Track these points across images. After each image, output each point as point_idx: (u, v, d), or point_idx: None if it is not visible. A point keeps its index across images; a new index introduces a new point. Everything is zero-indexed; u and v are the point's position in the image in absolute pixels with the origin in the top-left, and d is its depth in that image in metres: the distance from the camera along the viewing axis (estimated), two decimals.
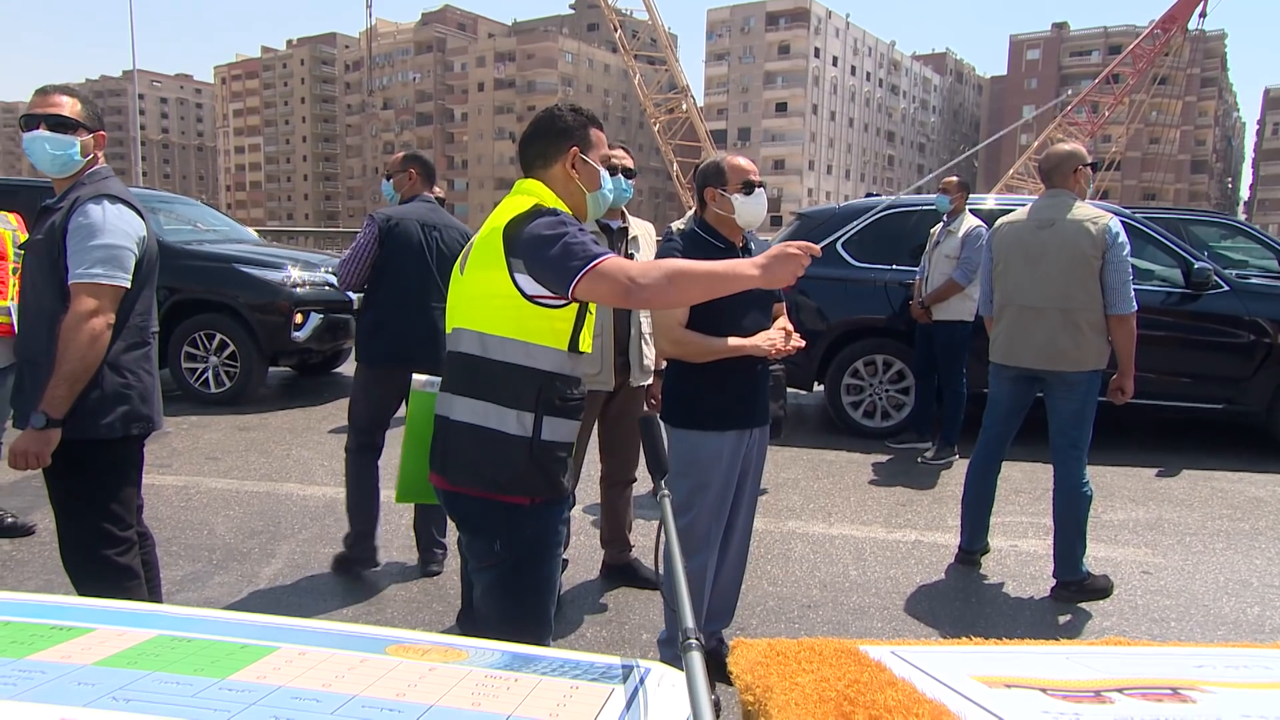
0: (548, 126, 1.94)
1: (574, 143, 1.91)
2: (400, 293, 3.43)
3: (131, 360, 2.35)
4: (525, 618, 1.87)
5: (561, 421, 1.83)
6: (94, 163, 2.40)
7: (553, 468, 1.83)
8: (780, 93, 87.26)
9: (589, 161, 1.93)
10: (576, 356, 1.85)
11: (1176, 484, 5.15)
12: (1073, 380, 3.40)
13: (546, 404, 1.79)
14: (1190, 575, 3.73)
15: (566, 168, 1.91)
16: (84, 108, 2.37)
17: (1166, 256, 5.93)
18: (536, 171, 1.94)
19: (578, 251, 1.68)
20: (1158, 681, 0.92)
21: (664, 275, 1.67)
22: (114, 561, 2.38)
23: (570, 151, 1.91)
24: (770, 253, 1.73)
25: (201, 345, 6.83)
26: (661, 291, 1.68)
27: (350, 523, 3.55)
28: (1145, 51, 48.47)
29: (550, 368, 1.79)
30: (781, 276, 1.74)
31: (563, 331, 1.80)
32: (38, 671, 0.98)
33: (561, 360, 1.81)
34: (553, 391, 1.80)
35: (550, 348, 1.79)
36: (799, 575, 3.68)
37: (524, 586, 1.87)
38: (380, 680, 1.02)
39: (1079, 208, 3.42)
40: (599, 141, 1.96)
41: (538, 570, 1.88)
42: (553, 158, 1.92)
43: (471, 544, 1.90)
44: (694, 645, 0.88)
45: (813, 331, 6.22)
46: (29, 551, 3.80)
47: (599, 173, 1.95)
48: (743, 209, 2.56)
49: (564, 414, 1.83)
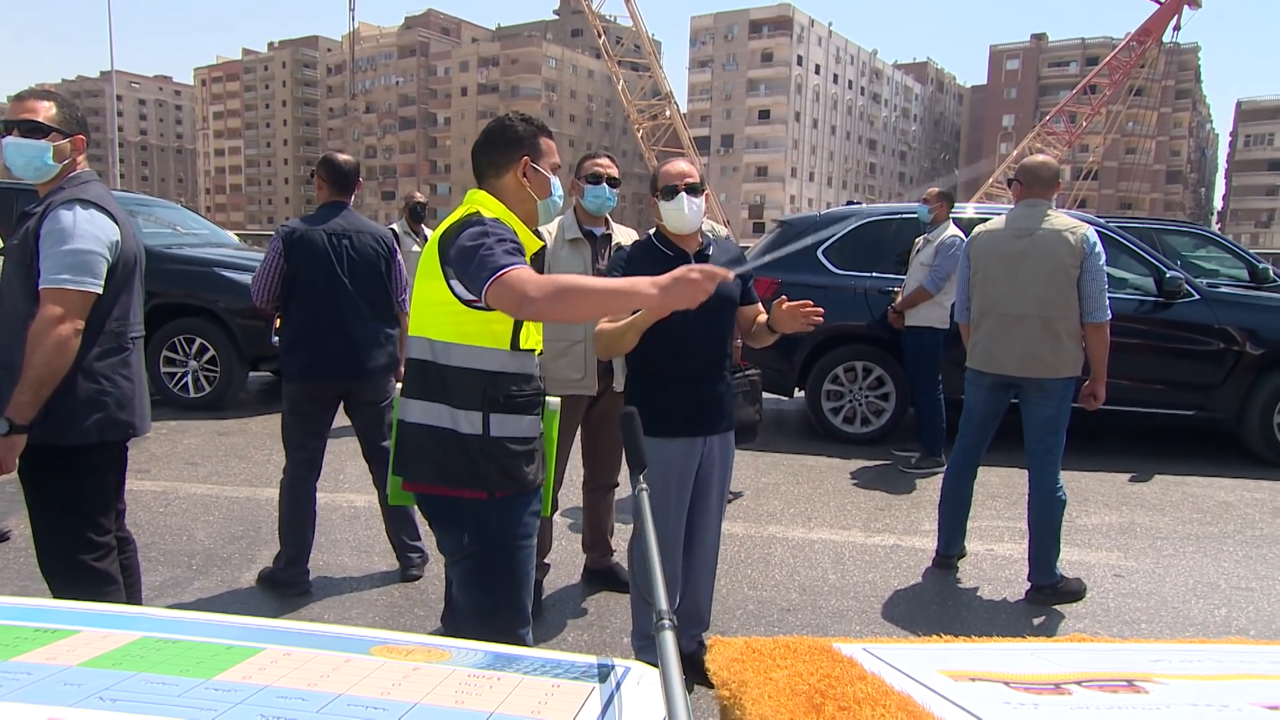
0: (499, 136, 2.01)
1: (525, 152, 1.99)
2: (311, 306, 3.32)
3: (107, 366, 2.33)
4: (499, 608, 1.94)
5: (512, 418, 1.90)
6: (73, 167, 2.37)
7: (509, 462, 1.89)
8: (763, 100, 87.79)
9: (540, 170, 2.01)
10: (523, 355, 1.92)
11: (1148, 489, 5.24)
12: (1049, 387, 3.47)
13: (492, 402, 1.87)
14: (1160, 578, 3.81)
15: (518, 176, 1.99)
16: (60, 111, 2.35)
17: (1139, 265, 6.04)
18: (488, 180, 2.01)
19: (488, 262, 1.75)
20: (1114, 675, 0.96)
21: (556, 290, 1.72)
22: (91, 567, 2.37)
23: (522, 160, 1.98)
24: (674, 274, 1.74)
25: (181, 350, 6.79)
26: (552, 305, 1.71)
27: (282, 544, 3.42)
28: (1122, 63, 49.25)
29: (494, 368, 1.88)
30: (681, 299, 1.74)
31: (502, 333, 1.88)
32: (23, 673, 0.99)
33: (505, 360, 1.89)
34: (498, 390, 1.88)
35: (492, 349, 1.88)
36: (779, 579, 3.71)
37: (495, 578, 1.93)
38: (365, 680, 1.04)
39: (1056, 217, 3.49)
40: (549, 150, 2.04)
41: (508, 561, 1.94)
42: (504, 167, 1.99)
43: (442, 540, 1.98)
44: (667, 626, 0.91)
45: (793, 338, 6.27)
46: (3, 558, 3.76)
47: (549, 180, 2.03)
48: (666, 213, 2.58)
49: (514, 410, 1.91)
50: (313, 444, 3.44)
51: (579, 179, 3.21)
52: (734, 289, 2.67)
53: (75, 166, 2.39)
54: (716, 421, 2.66)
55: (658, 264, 2.56)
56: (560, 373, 3.17)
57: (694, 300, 1.75)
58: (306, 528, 3.44)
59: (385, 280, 3.48)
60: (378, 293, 3.44)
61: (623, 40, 52.87)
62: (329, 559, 3.79)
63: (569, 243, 3.21)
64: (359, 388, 3.40)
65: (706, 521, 2.72)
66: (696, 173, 2.63)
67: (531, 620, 2.04)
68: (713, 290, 1.75)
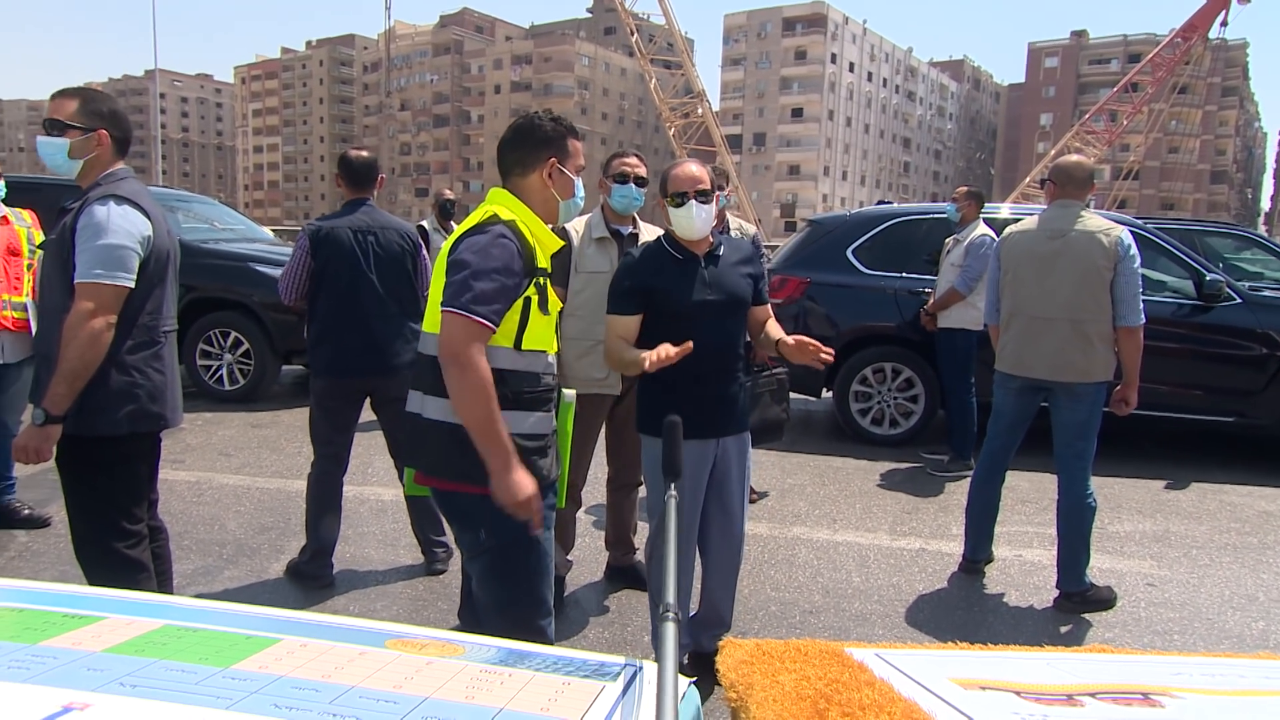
0: (528, 135, 2.02)
1: (552, 153, 2.01)
2: (336, 302, 3.35)
3: (139, 359, 2.38)
4: (519, 601, 1.96)
5: (521, 414, 1.92)
6: (99, 162, 2.40)
7: (524, 459, 1.90)
8: (796, 98, 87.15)
9: (565, 171, 2.03)
10: (529, 355, 1.94)
11: (1185, 496, 5.13)
12: (1080, 391, 3.41)
13: (502, 399, 1.88)
14: (1195, 588, 3.72)
15: (543, 176, 2.01)
16: (81, 107, 2.38)
17: (1178, 268, 5.91)
18: (513, 178, 2.03)
19: (462, 290, 1.81)
20: (1130, 687, 0.94)
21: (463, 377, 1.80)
22: (124, 554, 2.43)
23: (549, 162, 2.01)
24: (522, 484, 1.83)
25: (216, 343, 6.92)
26: (451, 376, 1.82)
27: (307, 537, 3.48)
28: (1165, 60, 48.15)
29: (501, 365, 1.90)
30: (506, 497, 1.83)
31: (508, 332, 1.91)
32: (50, 657, 1.02)
33: (512, 358, 1.92)
34: (505, 387, 1.89)
35: (498, 347, 1.90)
36: (802, 581, 3.69)
37: (514, 572, 1.96)
38: (378, 672, 1.05)
39: (1090, 218, 3.43)
40: (575, 152, 2.06)
41: (526, 554, 1.96)
42: (530, 166, 2.01)
43: (460, 535, 2.01)
44: (669, 618, 0.93)
45: (822, 338, 6.18)
46: (44, 543, 3.87)
47: (573, 182, 2.05)
48: (674, 220, 2.56)
49: (523, 407, 1.93)
50: (338, 439, 3.49)
51: (606, 177, 3.21)
52: (745, 289, 2.64)
53: (103, 161, 2.41)
54: (729, 423, 2.64)
55: (667, 267, 2.55)
56: (584, 372, 3.18)
57: (518, 511, 1.84)
58: (332, 521, 3.48)
59: (411, 276, 3.51)
60: (403, 289, 3.47)
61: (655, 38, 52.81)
62: (355, 551, 3.84)
63: (596, 241, 3.22)
64: (383, 384, 3.43)
65: (728, 523, 2.70)
66: (707, 177, 2.59)
67: (553, 612, 2.06)
68: (537, 524, 1.88)
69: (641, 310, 2.53)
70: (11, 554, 3.76)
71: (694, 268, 2.55)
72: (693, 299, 2.51)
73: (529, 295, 1.92)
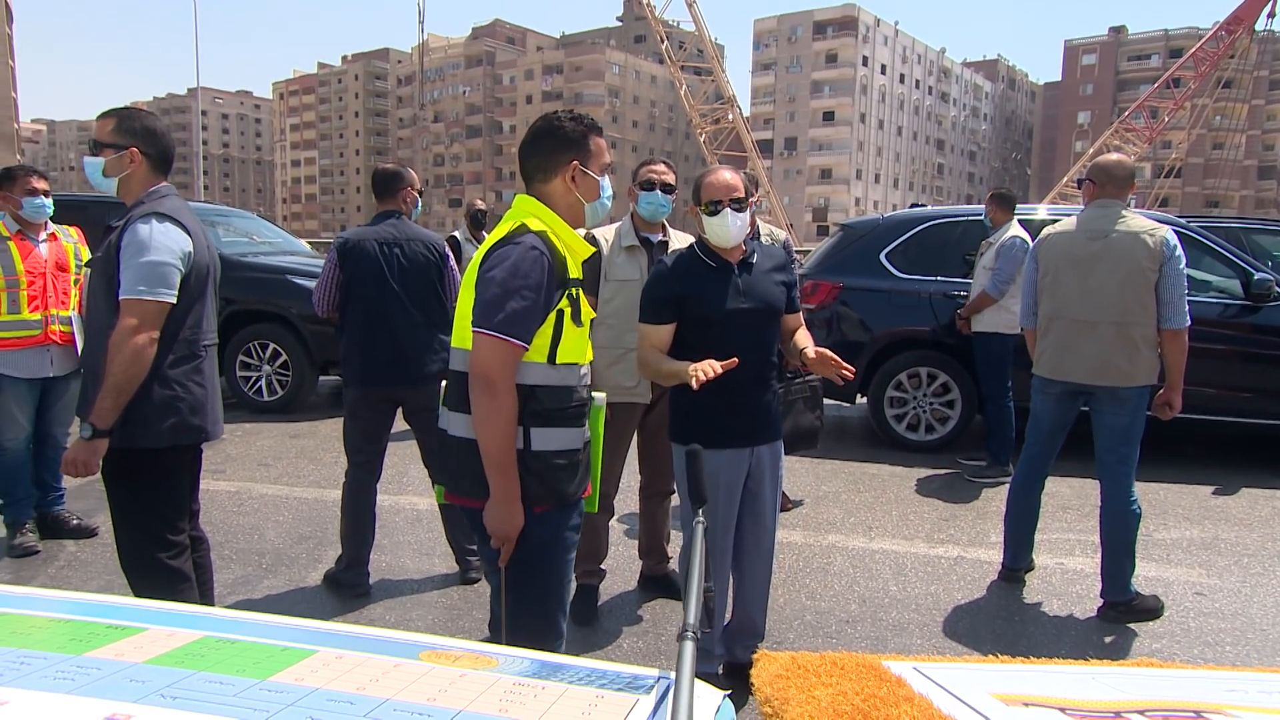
0: (547, 137, 1.96)
1: (574, 155, 1.94)
2: (365, 313, 3.40)
3: (181, 373, 2.42)
4: (532, 621, 1.95)
5: (554, 431, 1.88)
6: (134, 179, 2.44)
7: (550, 476, 1.88)
8: (828, 102, 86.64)
9: (589, 173, 1.96)
10: (564, 368, 1.89)
11: (1234, 502, 4.98)
12: (1123, 396, 3.33)
13: (533, 416, 1.86)
14: (1247, 598, 3.61)
15: (566, 180, 1.95)
16: (115, 126, 2.43)
17: (1224, 267, 5.75)
18: (536, 184, 1.97)
19: (494, 310, 1.79)
20: (1181, 704, 0.91)
21: (491, 395, 1.79)
22: (166, 565, 2.48)
23: (571, 165, 1.94)
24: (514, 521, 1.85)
25: (255, 354, 7.05)
26: (477, 397, 1.81)
27: (343, 547, 3.52)
28: (1209, 54, 46.98)
29: (533, 381, 1.86)
30: (494, 525, 1.85)
31: (541, 346, 1.86)
32: (93, 668, 1.04)
33: (545, 373, 1.87)
34: (538, 404, 1.86)
35: (531, 363, 1.86)
36: (838, 590, 3.65)
37: (529, 591, 1.94)
38: (412, 685, 1.06)
39: (1132, 218, 3.35)
40: (599, 150, 1.99)
41: (544, 576, 1.95)
42: (552, 171, 1.95)
43: (483, 548, 1.98)
44: (689, 638, 0.94)
45: (856, 343, 6.17)
46: (92, 553, 3.96)
47: (598, 183, 1.98)
48: (709, 228, 2.53)
49: (556, 423, 1.89)
50: (370, 449, 3.53)
51: (634, 185, 3.21)
52: (779, 297, 2.62)
53: (140, 178, 2.44)
54: (764, 431, 2.62)
55: (700, 275, 2.53)
56: (614, 380, 3.18)
57: (498, 537, 1.87)
58: (367, 531, 3.52)
59: (438, 287, 3.54)
60: (430, 300, 3.50)
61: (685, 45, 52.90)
62: (391, 560, 3.87)
63: (625, 249, 3.22)
64: (412, 394, 3.46)
65: (760, 532, 2.68)
66: (741, 185, 2.57)
67: (565, 634, 2.03)
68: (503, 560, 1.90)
69: (675, 319, 2.52)
70: (61, 563, 3.85)
71: (727, 275, 2.54)
72: (726, 307, 2.50)
73: (562, 308, 1.87)
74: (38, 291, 3.90)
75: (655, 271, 2.64)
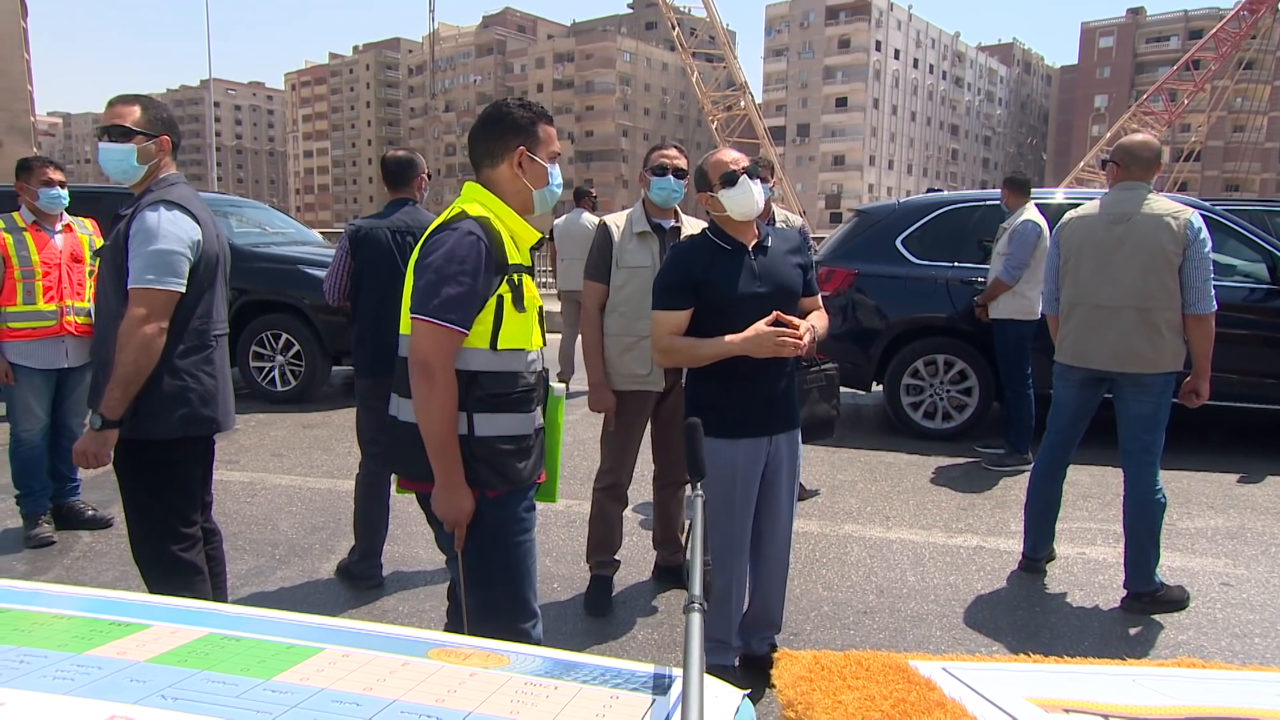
0: (495, 124, 1.96)
1: (521, 141, 1.94)
2: (377, 302, 3.34)
3: (191, 363, 2.40)
4: (497, 604, 1.94)
5: (499, 417, 1.88)
6: (159, 168, 2.44)
7: (498, 461, 1.88)
8: (840, 88, 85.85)
9: (536, 160, 1.95)
10: (506, 354, 1.89)
11: (1261, 491, 4.89)
12: (1147, 382, 3.25)
13: (477, 402, 1.86)
14: (1276, 588, 3.53)
15: (513, 167, 1.94)
16: (145, 114, 2.41)
17: (1250, 251, 5.63)
18: (484, 170, 1.97)
19: (430, 295, 1.79)
20: (1233, 711, 0.86)
21: (429, 387, 1.79)
22: (179, 557, 2.46)
23: (517, 151, 1.93)
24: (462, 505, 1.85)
25: (268, 345, 7.05)
26: (415, 381, 1.81)
27: (356, 538, 3.51)
28: (1230, 35, 46.21)
29: (475, 367, 1.86)
30: (443, 511, 1.85)
31: (481, 333, 1.86)
32: (95, 667, 1.01)
33: (487, 359, 1.87)
34: (480, 390, 1.86)
35: (473, 349, 1.86)
36: (855, 580, 3.60)
37: (492, 575, 1.93)
38: (420, 685, 1.02)
39: (1156, 201, 3.27)
40: (548, 138, 1.98)
41: (506, 558, 1.94)
42: (500, 157, 1.94)
43: (439, 536, 1.98)
44: (696, 609, 0.96)
45: (872, 330, 6.09)
46: (107, 544, 3.97)
47: (546, 170, 1.97)
48: (731, 202, 2.47)
49: (500, 409, 1.88)
50: (383, 438, 3.49)
51: (646, 171, 3.16)
52: (795, 280, 2.57)
53: (163, 167, 2.45)
54: (782, 420, 2.58)
55: (717, 258, 2.48)
56: (627, 368, 3.14)
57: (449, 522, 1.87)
58: (380, 521, 3.50)
59: None
60: None
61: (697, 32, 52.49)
62: (404, 551, 3.86)
63: (637, 236, 3.17)
64: None
65: (776, 522, 2.63)
66: (744, 159, 2.54)
67: (539, 614, 2.02)
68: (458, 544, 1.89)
69: (691, 304, 2.47)
70: (76, 554, 3.86)
71: (742, 258, 2.49)
72: (742, 291, 2.44)
73: (501, 293, 1.86)
74: (53, 282, 3.90)
75: (669, 257, 2.59)
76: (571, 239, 7.42)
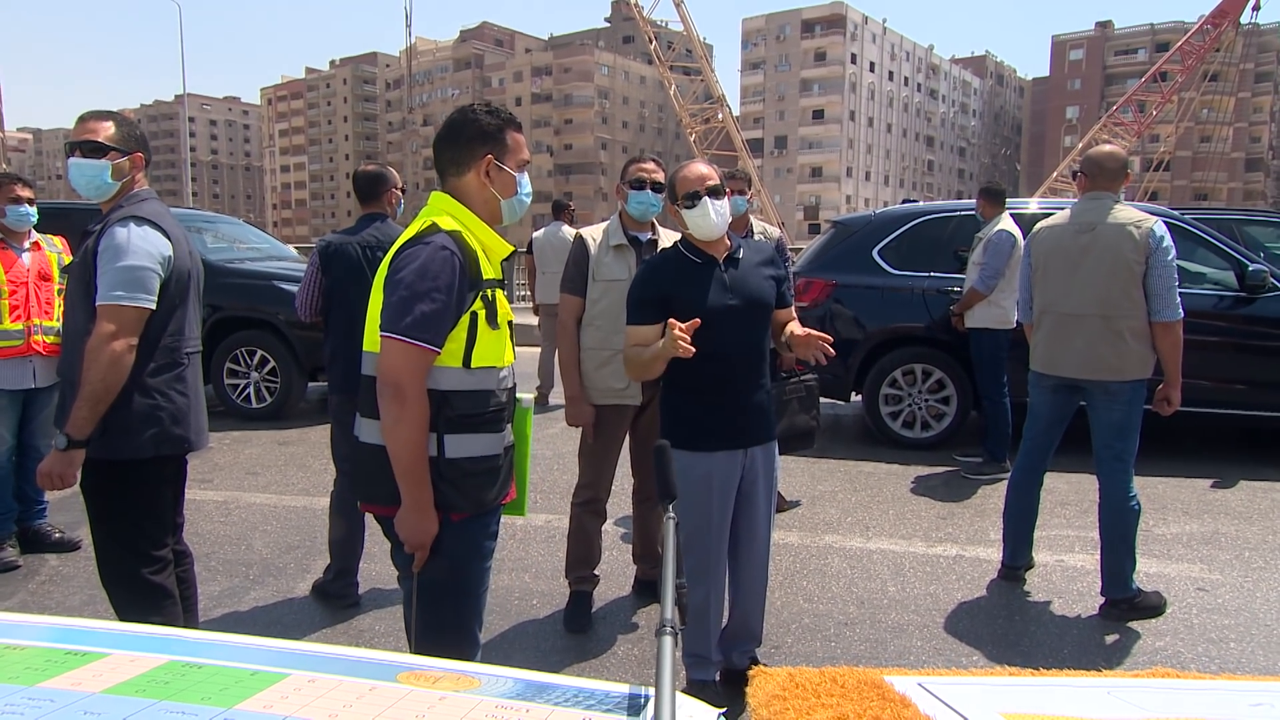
0: (461, 130, 1.88)
1: (489, 149, 1.87)
2: (349, 318, 3.29)
3: (162, 381, 2.35)
4: (444, 627, 1.88)
5: (470, 438, 1.81)
6: (132, 184, 2.41)
7: (466, 484, 1.82)
8: (817, 100, 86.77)
9: (505, 169, 1.88)
10: (480, 373, 1.82)
11: (1233, 495, 4.95)
12: (1115, 390, 3.29)
13: (448, 423, 1.79)
14: (1250, 593, 3.57)
15: (480, 175, 1.87)
16: (119, 130, 2.38)
17: (1218, 259, 5.72)
18: (450, 179, 1.90)
19: (402, 313, 1.72)
20: None
21: (400, 409, 1.71)
22: (148, 580, 2.40)
23: (485, 159, 1.87)
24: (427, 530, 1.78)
25: (243, 361, 6.96)
26: (384, 403, 1.73)
27: (331, 557, 3.46)
28: (1195, 48, 47.24)
29: (447, 386, 1.79)
30: (407, 534, 1.79)
31: (455, 351, 1.79)
32: (47, 700, 0.98)
33: (460, 378, 1.80)
34: (452, 410, 1.79)
35: (445, 367, 1.78)
36: (835, 591, 3.59)
37: (443, 599, 1.87)
38: (388, 710, 1.00)
39: (1121, 210, 3.31)
40: (517, 146, 1.91)
41: (460, 583, 1.88)
42: (466, 165, 1.87)
43: (395, 552, 1.91)
44: (668, 633, 0.94)
45: (850, 340, 6.12)
46: (74, 567, 3.88)
47: (515, 179, 1.91)
48: (690, 222, 2.46)
49: (471, 429, 1.81)
50: None
51: (623, 184, 3.16)
52: (768, 292, 2.55)
53: (135, 184, 2.42)
54: (757, 432, 2.56)
55: (685, 272, 2.48)
56: (604, 382, 3.12)
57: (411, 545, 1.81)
58: (355, 539, 3.45)
59: None
60: None
61: (674, 45, 52.89)
62: (381, 569, 3.79)
63: (613, 249, 3.16)
64: None
65: (754, 534, 2.62)
66: (715, 173, 2.51)
67: (480, 643, 1.95)
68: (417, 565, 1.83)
69: (661, 319, 2.46)
70: (43, 578, 3.77)
71: (713, 271, 2.48)
72: (713, 304, 2.43)
73: (475, 310, 1.79)
74: (20, 301, 3.82)
75: (640, 271, 2.58)
76: (552, 252, 7.40)
